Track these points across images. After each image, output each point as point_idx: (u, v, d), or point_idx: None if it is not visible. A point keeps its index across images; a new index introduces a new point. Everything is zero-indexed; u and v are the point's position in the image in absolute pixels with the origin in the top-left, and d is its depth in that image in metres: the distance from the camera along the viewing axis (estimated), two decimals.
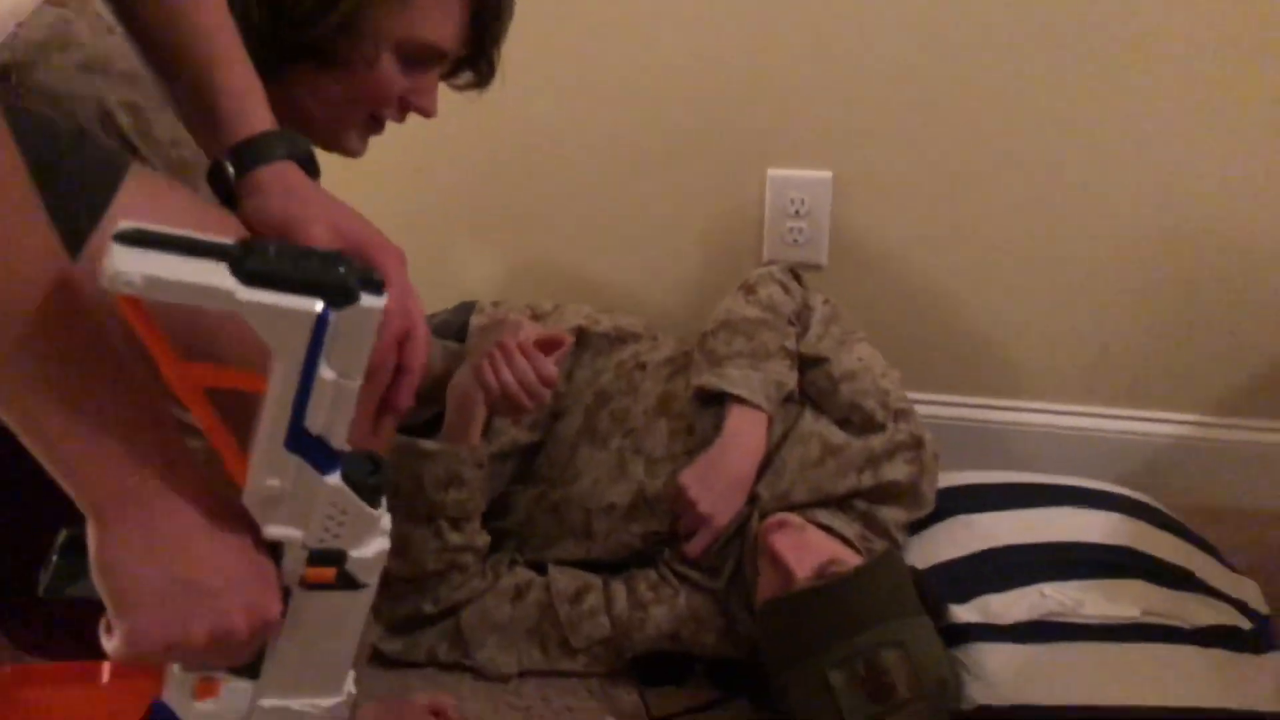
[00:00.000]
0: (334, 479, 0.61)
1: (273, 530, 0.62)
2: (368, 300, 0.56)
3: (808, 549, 1.18)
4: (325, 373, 0.57)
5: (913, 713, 1.08)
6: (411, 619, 1.34)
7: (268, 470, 0.59)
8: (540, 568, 1.38)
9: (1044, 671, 1.12)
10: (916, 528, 1.38)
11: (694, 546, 1.31)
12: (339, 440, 0.60)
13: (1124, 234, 1.53)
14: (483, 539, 1.34)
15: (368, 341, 0.58)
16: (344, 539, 0.63)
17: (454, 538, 1.31)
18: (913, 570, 1.21)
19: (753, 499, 1.33)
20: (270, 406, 0.57)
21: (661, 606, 1.30)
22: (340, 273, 0.55)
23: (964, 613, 1.21)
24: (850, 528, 1.31)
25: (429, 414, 1.39)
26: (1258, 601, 1.28)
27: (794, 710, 1.12)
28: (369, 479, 0.63)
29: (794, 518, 1.26)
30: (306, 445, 0.59)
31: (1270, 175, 1.47)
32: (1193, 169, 1.49)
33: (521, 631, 1.33)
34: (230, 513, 0.61)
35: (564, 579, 1.34)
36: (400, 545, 1.30)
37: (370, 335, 0.58)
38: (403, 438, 1.31)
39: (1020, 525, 1.34)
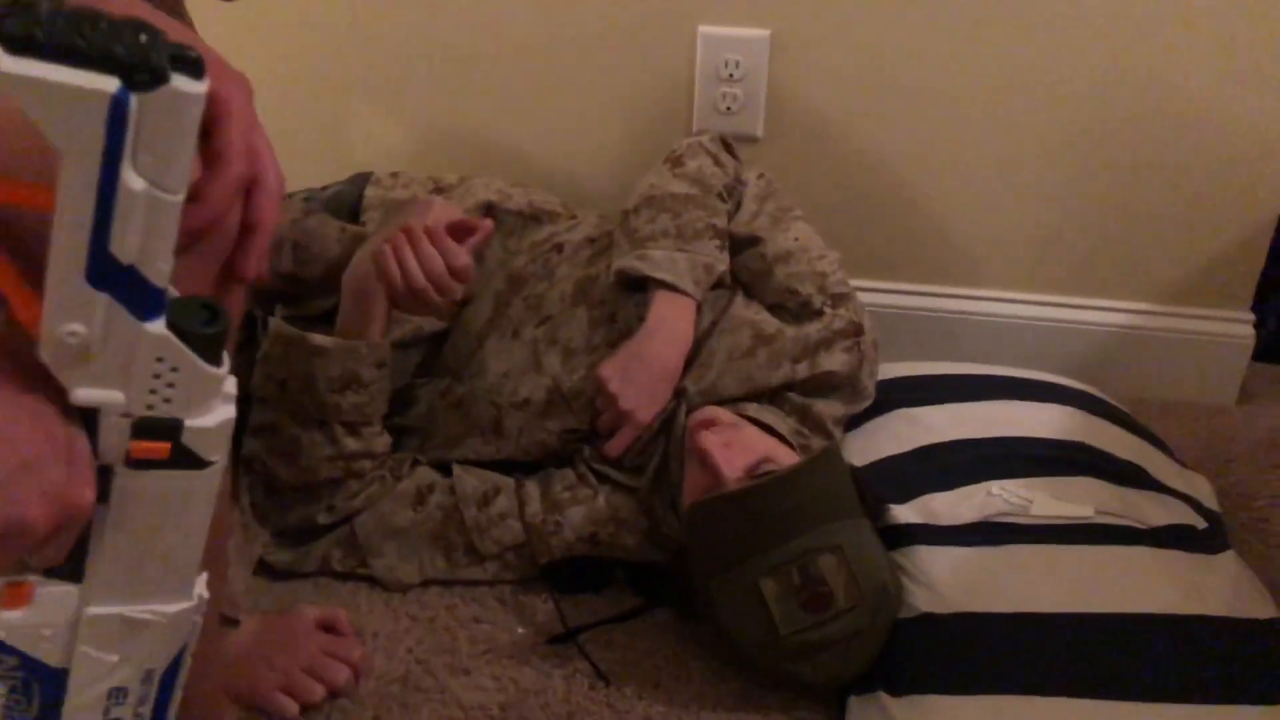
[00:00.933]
0: (156, 326, 0.49)
1: (82, 394, 0.49)
2: (182, 83, 0.43)
3: (738, 447, 1.07)
4: (130, 179, 0.44)
5: (852, 622, 0.99)
6: (302, 529, 1.21)
7: (66, 312, 0.46)
8: (445, 468, 1.25)
9: (992, 576, 1.03)
10: (854, 422, 1.28)
11: (615, 445, 1.19)
12: (159, 276, 0.47)
13: (1074, 112, 1.42)
14: (382, 443, 1.20)
15: (186, 141, 0.45)
16: (177, 404, 0.51)
17: (350, 443, 1.17)
18: (851, 468, 1.11)
19: (679, 393, 1.21)
20: (63, 227, 0.44)
21: (579, 508, 1.19)
22: (142, 42, 0.42)
23: (905, 513, 1.12)
24: (784, 422, 1.20)
25: (328, 305, 1.23)
26: (1209, 498, 1.21)
27: (721, 621, 1.02)
28: (205, 328, 0.50)
29: (723, 412, 1.15)
30: (114, 278, 0.46)
31: (1223, 52, 1.36)
32: (1144, 44, 1.37)
33: (424, 538, 1.20)
34: (22, 375, 0.48)
35: (471, 480, 1.22)
36: (289, 450, 1.17)
37: (190, 133, 0.45)
38: (291, 330, 1.15)
39: (964, 420, 1.25)
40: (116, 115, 0.42)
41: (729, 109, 1.47)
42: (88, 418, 0.51)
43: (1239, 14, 1.34)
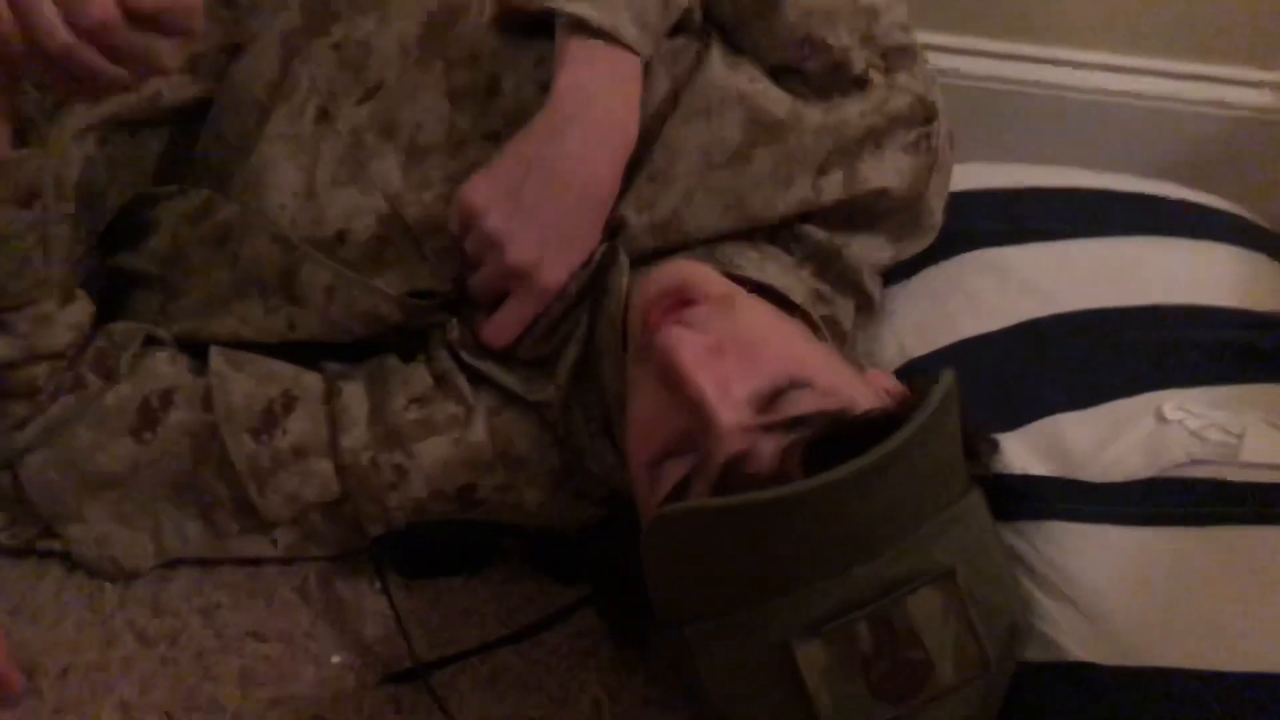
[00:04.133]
0: None
1: None
2: None
3: (739, 355, 0.55)
4: None
5: (959, 707, 0.51)
6: None
7: None
8: (202, 352, 0.70)
9: (1199, 594, 0.56)
10: (902, 271, 0.77)
11: (500, 325, 0.67)
12: None
13: None
14: (67, 328, 0.66)
15: None
16: None
17: None
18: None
19: (614, 228, 0.68)
20: None
21: (438, 440, 0.67)
22: None
23: (1019, 453, 0.64)
24: (795, 279, 0.69)
25: None
26: None
27: (706, 695, 0.53)
28: None
29: (705, 274, 0.62)
30: None
31: None
32: None
33: (158, 487, 0.68)
34: None
35: (242, 381, 0.68)
36: None
37: None
38: None
39: (1085, 270, 0.76)
40: None
41: None
42: None
43: None
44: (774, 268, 0.68)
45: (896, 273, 0.77)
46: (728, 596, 0.51)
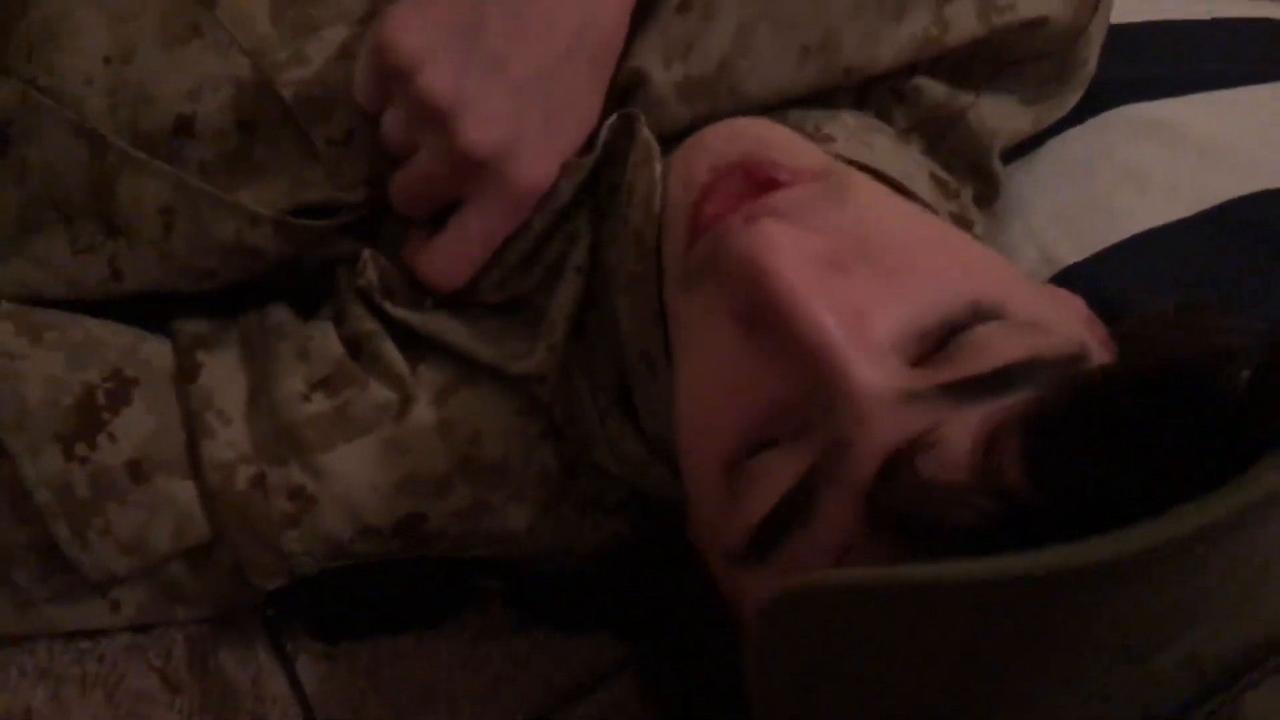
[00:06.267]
0: None
1: None
2: None
3: (877, 271, 0.32)
4: None
5: None
6: None
7: None
8: None
9: None
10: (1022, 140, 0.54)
11: (451, 251, 0.42)
12: None
13: None
14: None
15: None
16: None
17: None
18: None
19: (626, 90, 0.43)
20: None
21: (362, 445, 0.42)
22: None
23: None
24: (911, 160, 0.45)
25: None
26: None
27: None
28: None
29: (786, 140, 0.38)
30: None
31: None
32: None
33: None
34: None
35: (40, 359, 0.43)
36: None
37: None
38: None
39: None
40: None
41: None
42: None
43: None
44: (882, 142, 0.44)
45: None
46: (911, 707, 0.28)
